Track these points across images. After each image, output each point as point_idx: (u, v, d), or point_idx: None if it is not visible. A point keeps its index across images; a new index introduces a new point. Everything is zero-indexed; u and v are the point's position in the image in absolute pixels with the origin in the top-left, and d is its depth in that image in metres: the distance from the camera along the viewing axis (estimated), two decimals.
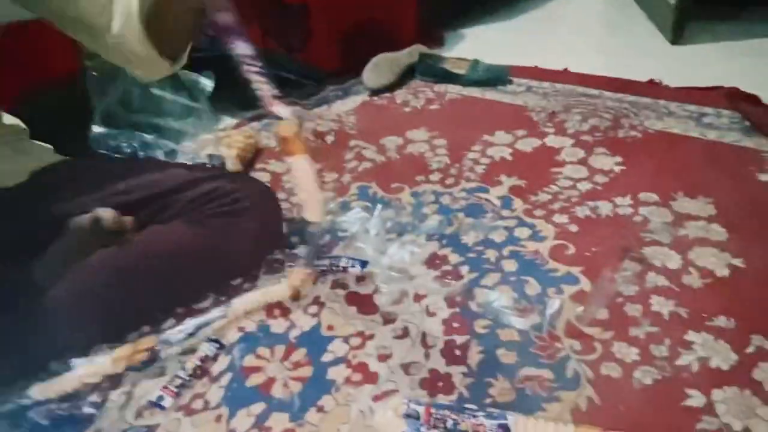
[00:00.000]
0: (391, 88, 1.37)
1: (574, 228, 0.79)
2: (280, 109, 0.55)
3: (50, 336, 0.65)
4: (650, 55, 1.43)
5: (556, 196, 0.86)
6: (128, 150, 0.98)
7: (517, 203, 0.86)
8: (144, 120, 1.04)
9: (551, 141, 1.03)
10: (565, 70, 1.37)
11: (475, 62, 1.38)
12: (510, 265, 0.73)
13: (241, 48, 0.52)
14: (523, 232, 0.79)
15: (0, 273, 0.67)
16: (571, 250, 0.75)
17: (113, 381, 0.64)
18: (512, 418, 0.51)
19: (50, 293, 0.65)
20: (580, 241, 0.76)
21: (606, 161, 0.95)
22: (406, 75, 1.43)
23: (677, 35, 1.46)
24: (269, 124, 1.29)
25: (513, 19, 1.92)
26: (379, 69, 1.36)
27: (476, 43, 1.71)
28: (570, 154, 0.98)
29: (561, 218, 0.81)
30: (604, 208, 0.83)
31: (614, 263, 0.71)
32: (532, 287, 0.69)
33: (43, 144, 0.82)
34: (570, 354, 0.59)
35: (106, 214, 0.63)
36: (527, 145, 1.03)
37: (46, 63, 1.03)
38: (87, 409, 0.59)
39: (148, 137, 0.96)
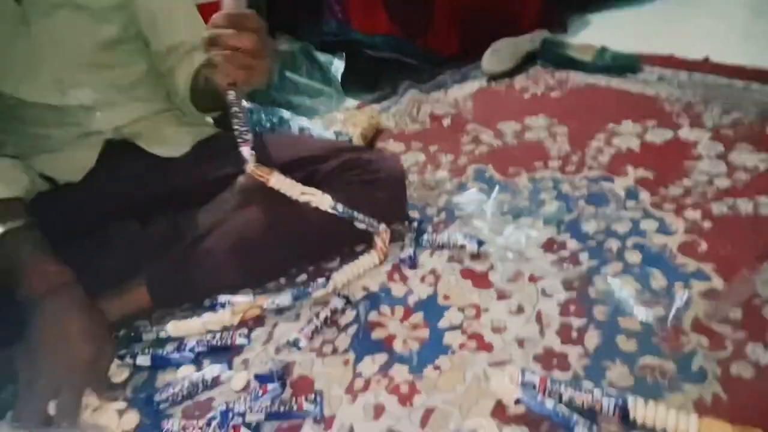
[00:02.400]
0: (510, 74, 1.37)
1: (707, 224, 0.75)
2: (245, 151, 0.67)
3: (207, 274, 0.76)
4: None
5: (688, 191, 0.82)
6: (267, 124, 1.09)
7: (644, 195, 0.83)
8: (281, 98, 1.15)
9: (686, 134, 0.97)
10: (706, 59, 1.26)
11: (603, 49, 1.32)
12: (634, 257, 0.72)
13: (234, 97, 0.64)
14: (649, 225, 0.77)
15: (171, 221, 0.80)
16: (704, 246, 0.71)
17: (257, 321, 0.73)
18: (632, 400, 0.51)
19: (210, 238, 0.76)
20: (714, 239, 0.72)
21: (749, 158, 0.87)
22: (527, 61, 1.41)
23: None
24: (388, 106, 1.35)
25: (645, 5, 1.80)
26: (499, 54, 1.36)
27: (603, 30, 1.63)
28: (707, 148, 0.92)
29: (693, 214, 0.77)
30: (744, 206, 0.77)
31: (753, 264, 0.67)
32: (658, 280, 0.67)
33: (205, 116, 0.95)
34: (697, 349, 0.58)
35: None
36: (658, 136, 0.98)
37: None
38: (239, 341, 0.68)
39: (286, 113, 1.06)
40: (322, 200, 0.71)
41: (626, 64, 1.27)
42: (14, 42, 0.70)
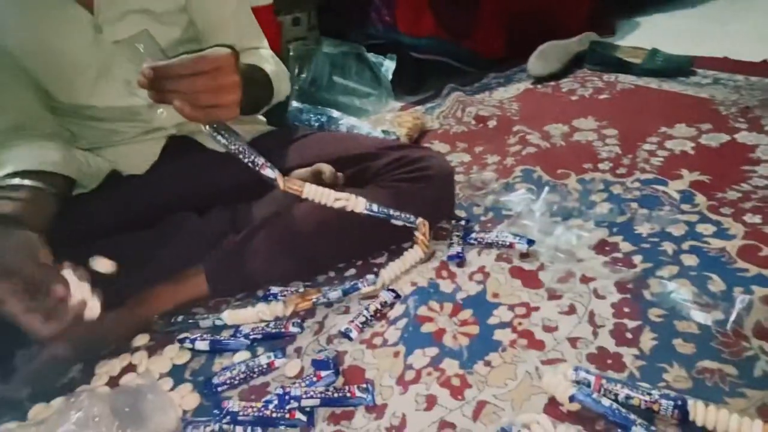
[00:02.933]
0: (556, 76, 1.36)
1: None
2: (268, 173, 0.68)
3: (261, 265, 0.78)
4: None
5: (747, 195, 0.80)
6: (316, 123, 1.11)
7: (700, 199, 0.81)
8: (330, 98, 1.18)
9: (743, 137, 0.95)
10: (764, 61, 1.22)
11: (654, 51, 1.30)
12: (690, 260, 0.70)
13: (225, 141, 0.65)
14: (706, 229, 0.75)
15: (228, 213, 0.83)
16: (765, 251, 0.69)
17: (308, 312, 0.76)
18: (691, 402, 0.50)
19: (264, 231, 0.79)
20: None
21: None
22: (573, 64, 1.40)
23: None
24: (432, 107, 1.36)
25: (697, 6, 1.75)
26: (546, 56, 1.35)
27: (652, 32, 1.60)
28: (767, 153, 0.89)
29: (753, 218, 0.75)
30: None
31: None
32: (716, 284, 0.66)
33: (257, 115, 0.98)
34: (759, 354, 0.56)
35: (326, 168, 0.75)
36: (713, 140, 0.96)
37: None
38: (292, 329, 0.71)
39: (335, 113, 1.09)
40: (356, 203, 0.73)
41: (678, 67, 1.25)
42: (90, 50, 0.74)
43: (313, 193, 0.72)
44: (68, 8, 0.72)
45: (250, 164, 0.68)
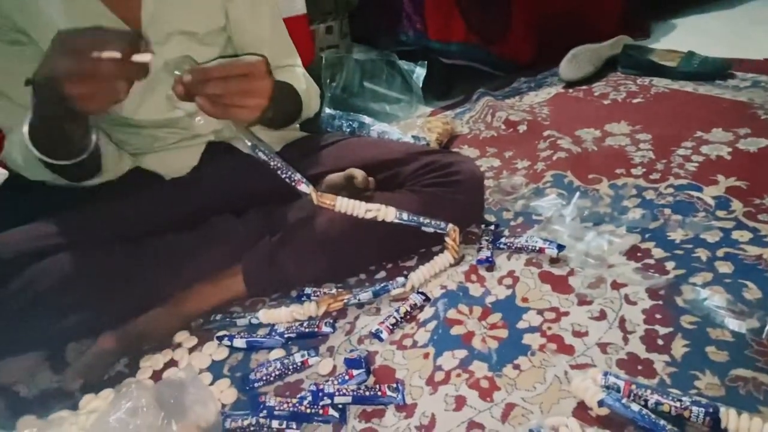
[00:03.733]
0: (588, 80, 1.35)
1: None
2: (302, 188, 0.73)
3: (295, 267, 0.81)
4: None
5: None
6: (348, 129, 1.14)
7: (736, 205, 0.80)
8: (362, 104, 1.20)
9: None
10: None
11: (690, 54, 1.27)
12: (725, 267, 0.69)
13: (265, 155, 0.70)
14: (742, 235, 0.74)
15: (264, 215, 0.87)
16: None
17: (339, 313, 0.78)
18: (724, 409, 0.50)
19: (299, 234, 0.81)
20: None
21: None
22: (606, 68, 1.39)
23: None
24: (462, 112, 1.37)
25: (736, 7, 1.70)
26: (578, 60, 1.34)
27: (688, 34, 1.57)
28: None
29: None
30: None
31: None
32: (752, 292, 0.65)
33: None
34: None
35: (358, 173, 0.78)
36: (751, 144, 0.94)
37: None
38: (325, 329, 0.73)
39: (366, 119, 1.12)
40: (387, 213, 0.75)
41: (715, 70, 1.22)
42: None
43: (345, 206, 0.75)
44: None
45: (287, 179, 0.72)
